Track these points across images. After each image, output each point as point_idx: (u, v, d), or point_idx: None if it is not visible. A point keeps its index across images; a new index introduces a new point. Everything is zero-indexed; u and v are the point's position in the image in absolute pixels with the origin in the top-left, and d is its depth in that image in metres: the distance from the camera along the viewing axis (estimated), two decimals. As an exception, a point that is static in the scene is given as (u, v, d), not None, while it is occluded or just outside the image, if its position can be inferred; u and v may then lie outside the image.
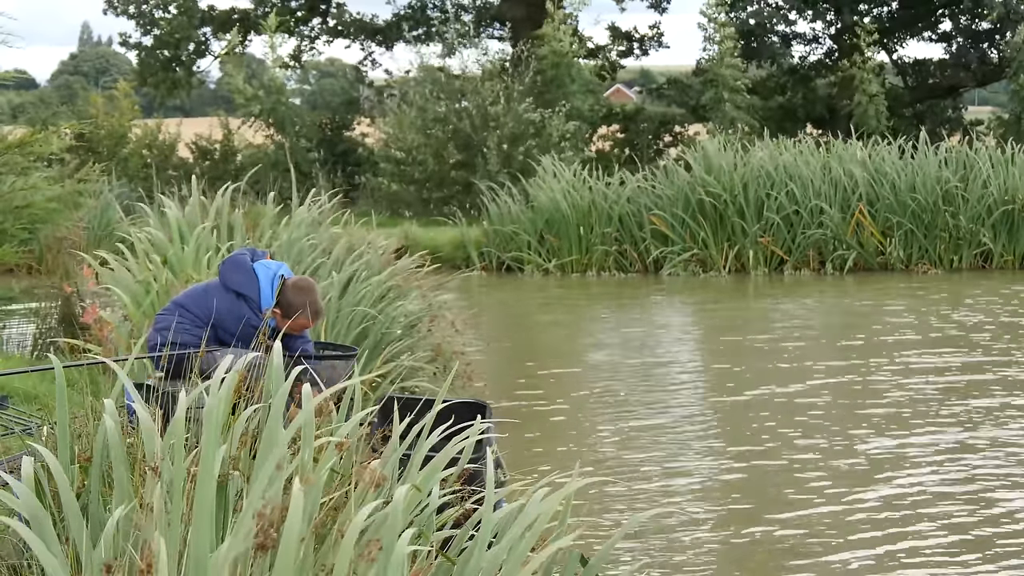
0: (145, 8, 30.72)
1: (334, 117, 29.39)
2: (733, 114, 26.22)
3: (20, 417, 5.31)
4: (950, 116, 30.93)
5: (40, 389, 7.07)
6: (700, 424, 9.77)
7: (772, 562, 6.63)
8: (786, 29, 31.38)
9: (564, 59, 26.60)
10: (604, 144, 29.26)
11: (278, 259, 7.42)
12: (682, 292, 18.21)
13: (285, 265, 6.36)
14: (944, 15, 31.72)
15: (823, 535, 7.00)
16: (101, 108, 27.73)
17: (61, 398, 4.03)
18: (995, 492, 7.75)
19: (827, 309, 16.26)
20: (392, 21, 31.90)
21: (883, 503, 7.56)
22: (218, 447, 3.37)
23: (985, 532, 7.02)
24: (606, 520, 7.04)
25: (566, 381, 11.73)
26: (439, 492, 4.09)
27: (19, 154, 10.39)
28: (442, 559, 3.90)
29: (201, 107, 47.58)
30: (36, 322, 10.38)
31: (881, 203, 19.63)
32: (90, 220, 17.74)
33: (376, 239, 10.87)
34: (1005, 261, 19.62)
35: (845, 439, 9.10)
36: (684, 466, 8.53)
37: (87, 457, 3.97)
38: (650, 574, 6.40)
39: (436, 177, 24.54)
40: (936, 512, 7.37)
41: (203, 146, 28.22)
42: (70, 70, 68.65)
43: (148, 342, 6.09)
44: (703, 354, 13.40)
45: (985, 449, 8.77)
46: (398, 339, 9.34)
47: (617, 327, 15.11)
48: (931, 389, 10.75)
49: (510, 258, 20.27)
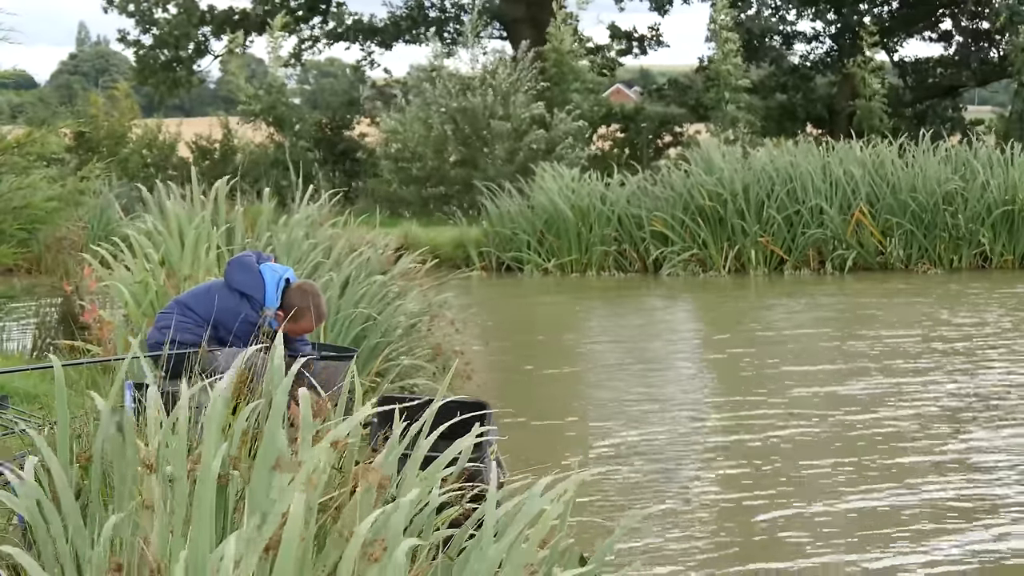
0: (145, 7, 30.72)
1: (334, 117, 29.40)
2: (734, 114, 26.23)
3: (20, 417, 5.31)
4: (950, 116, 30.92)
5: (40, 389, 7.07)
6: (700, 424, 9.76)
7: (772, 561, 6.63)
8: (787, 29, 31.42)
9: (565, 58, 26.64)
10: (604, 144, 29.27)
11: (276, 258, 7.42)
12: (682, 292, 18.21)
13: (291, 270, 6.39)
14: (944, 15, 31.74)
15: (823, 534, 7.00)
16: (101, 108, 27.71)
17: (61, 398, 4.03)
18: (995, 492, 7.75)
19: (827, 309, 16.25)
20: (391, 21, 31.91)
21: (883, 503, 7.56)
22: (218, 447, 3.37)
23: (985, 531, 7.03)
24: (606, 519, 7.04)
25: (565, 381, 11.73)
26: (439, 492, 4.09)
27: (18, 154, 10.38)
28: (442, 559, 3.90)
29: (201, 107, 47.61)
30: (36, 322, 10.38)
31: (881, 203, 19.63)
32: (90, 220, 17.73)
33: (376, 238, 10.87)
34: (1005, 261, 19.62)
35: (845, 438, 9.10)
36: (684, 465, 8.53)
37: (87, 456, 3.97)
38: (649, 573, 6.40)
39: (436, 176, 24.54)
40: (936, 512, 7.37)
41: (203, 146, 28.20)
42: (70, 70, 68.65)
43: (148, 340, 6.09)
44: (703, 353, 13.40)
45: (986, 448, 8.77)
46: (398, 338, 9.35)
47: (617, 327, 15.11)
48: (932, 388, 10.75)
49: (510, 258, 20.27)
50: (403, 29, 31.82)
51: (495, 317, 15.87)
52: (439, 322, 10.46)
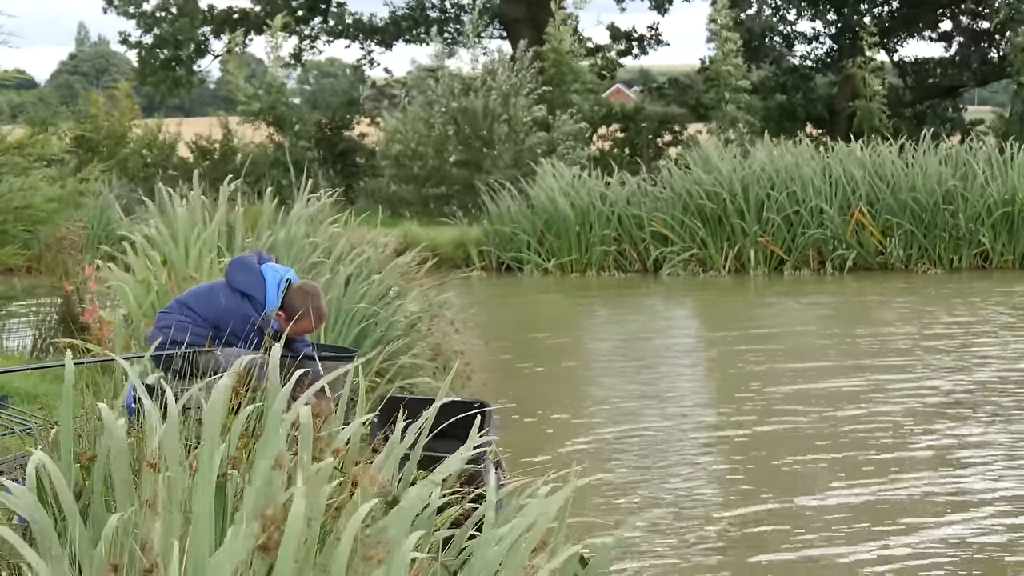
0: (146, 8, 30.74)
1: (334, 117, 29.40)
2: (734, 114, 26.23)
3: (20, 417, 5.31)
4: (950, 116, 30.92)
5: (40, 389, 7.07)
6: (700, 423, 9.77)
7: (772, 560, 6.64)
8: (787, 29, 31.41)
9: (564, 58, 26.64)
10: (604, 144, 29.27)
11: (276, 257, 7.42)
12: (682, 292, 18.21)
13: (292, 270, 6.38)
14: (944, 15, 31.73)
15: (823, 534, 7.00)
16: (102, 108, 27.72)
17: (67, 397, 4.03)
18: (996, 489, 7.76)
19: (825, 308, 16.26)
20: (392, 21, 31.92)
21: (884, 503, 7.56)
22: (218, 447, 3.37)
23: (987, 531, 7.03)
24: (607, 520, 7.04)
25: (566, 380, 11.74)
26: (439, 492, 4.09)
27: (19, 155, 10.38)
28: (443, 559, 3.90)
29: (201, 107, 47.61)
30: (36, 322, 10.38)
31: (881, 203, 19.63)
32: (90, 220, 17.73)
33: (376, 238, 10.88)
34: (1005, 261, 19.62)
35: (846, 439, 9.10)
36: (684, 465, 8.53)
37: (89, 457, 3.97)
38: (650, 573, 6.41)
39: (437, 176, 24.54)
40: (936, 511, 7.37)
41: (203, 146, 28.21)
42: (70, 70, 68.68)
43: (149, 340, 6.09)
44: (703, 353, 13.40)
45: (986, 448, 8.78)
46: (398, 338, 9.35)
47: (617, 327, 15.11)
48: (932, 388, 10.76)
49: (510, 258, 20.27)
50: (404, 29, 31.82)
51: (495, 317, 15.88)
52: (439, 322, 10.46)
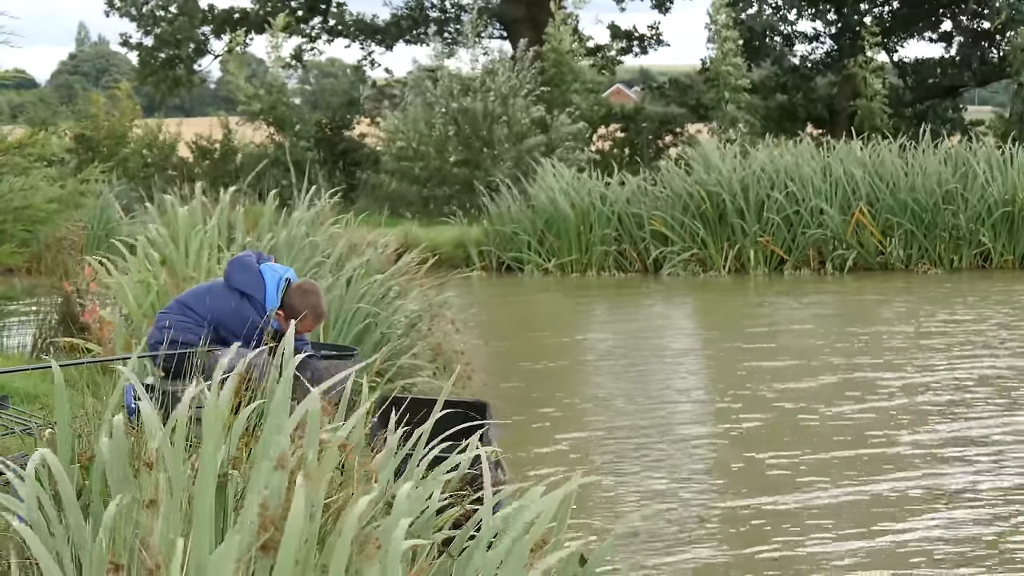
0: (147, 9, 30.73)
1: (334, 117, 29.40)
2: (734, 114, 26.22)
3: (20, 417, 5.31)
4: (950, 116, 30.91)
5: (40, 389, 7.07)
6: (700, 424, 9.77)
7: (772, 560, 6.64)
8: (787, 29, 31.40)
9: (564, 58, 26.63)
10: (604, 144, 29.26)
11: (276, 257, 7.44)
12: (682, 292, 18.21)
13: (291, 270, 6.39)
14: (945, 15, 31.72)
15: (823, 534, 7.00)
16: (102, 108, 27.71)
17: (60, 398, 4.03)
18: (994, 490, 7.76)
19: (824, 307, 16.26)
20: (392, 21, 31.91)
21: (885, 503, 7.56)
22: (218, 447, 3.37)
23: (981, 526, 7.03)
24: (605, 519, 7.04)
25: (566, 381, 11.74)
26: (439, 494, 4.09)
27: (19, 155, 10.39)
28: (442, 559, 3.90)
29: (201, 107, 47.61)
30: (36, 322, 10.38)
31: (881, 203, 19.62)
32: (90, 220, 17.72)
33: (376, 238, 10.88)
34: (1005, 261, 19.61)
35: (847, 438, 9.10)
36: (683, 466, 8.54)
37: (89, 457, 3.98)
38: (647, 571, 6.41)
39: (437, 175, 24.53)
40: (935, 511, 7.37)
41: (203, 146, 28.20)
42: (70, 70, 68.70)
43: (149, 340, 6.09)
44: (702, 353, 13.40)
45: (981, 445, 8.78)
46: (398, 338, 9.35)
47: (617, 327, 15.11)
48: (931, 387, 10.76)
49: (510, 258, 20.27)
50: (404, 29, 31.82)
51: (495, 317, 15.88)
52: (439, 322, 10.46)
